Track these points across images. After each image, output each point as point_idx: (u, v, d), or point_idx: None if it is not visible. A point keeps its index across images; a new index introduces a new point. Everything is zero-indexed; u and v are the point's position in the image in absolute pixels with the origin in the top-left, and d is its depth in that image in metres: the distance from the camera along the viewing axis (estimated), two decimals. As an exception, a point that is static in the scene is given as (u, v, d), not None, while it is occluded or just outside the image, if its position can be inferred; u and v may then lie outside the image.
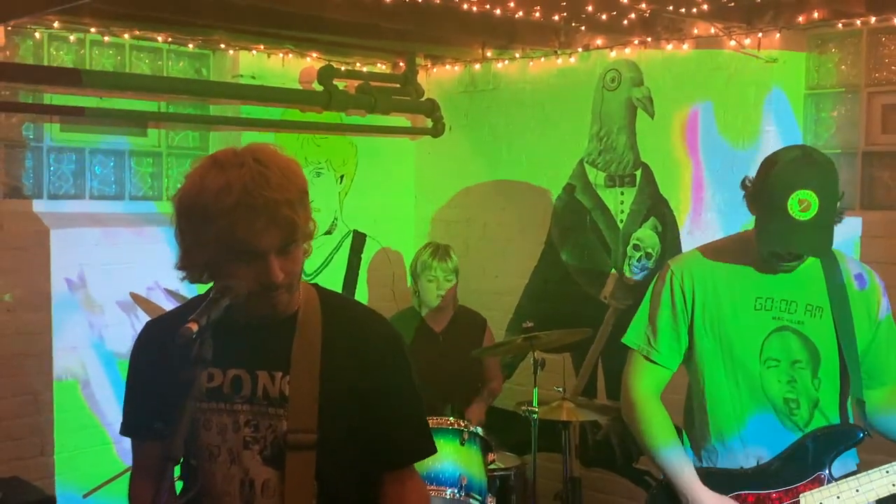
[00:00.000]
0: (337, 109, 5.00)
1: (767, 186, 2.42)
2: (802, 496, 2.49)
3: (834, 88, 4.14)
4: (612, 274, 4.75)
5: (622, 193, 4.71)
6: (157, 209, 4.73)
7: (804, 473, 2.50)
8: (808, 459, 2.51)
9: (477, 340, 4.56)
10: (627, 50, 4.59)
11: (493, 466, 3.88)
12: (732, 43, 4.19)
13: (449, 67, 5.39)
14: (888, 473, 2.45)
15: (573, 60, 4.83)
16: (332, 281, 5.11)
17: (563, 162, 4.92)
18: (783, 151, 2.48)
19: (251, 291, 1.81)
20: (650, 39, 4.47)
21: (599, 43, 4.66)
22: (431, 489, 3.53)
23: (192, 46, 4.72)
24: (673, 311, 2.63)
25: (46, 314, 4.29)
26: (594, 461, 4.82)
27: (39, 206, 4.33)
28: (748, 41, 4.15)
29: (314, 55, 5.01)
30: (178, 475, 1.84)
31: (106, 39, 4.44)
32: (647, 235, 4.62)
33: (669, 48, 4.43)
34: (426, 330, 4.52)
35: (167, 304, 4.47)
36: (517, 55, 5.04)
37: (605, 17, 4.17)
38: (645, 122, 4.59)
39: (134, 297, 4.51)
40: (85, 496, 4.07)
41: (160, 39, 4.57)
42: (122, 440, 4.51)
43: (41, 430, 4.28)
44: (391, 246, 5.53)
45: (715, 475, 2.59)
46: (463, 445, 3.68)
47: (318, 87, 4.90)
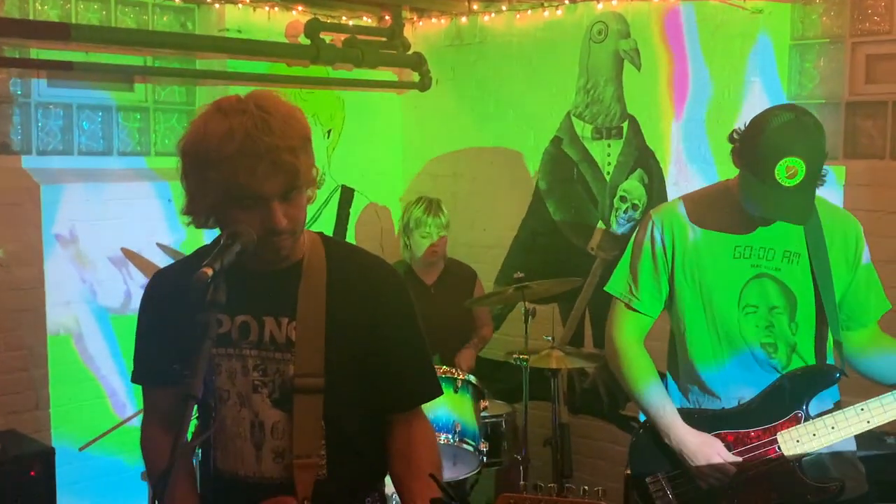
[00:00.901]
0: (324, 63, 4.99)
1: (756, 148, 2.43)
2: (780, 434, 2.57)
3: (818, 39, 4.18)
4: (598, 225, 4.80)
5: (609, 146, 4.75)
6: (145, 164, 4.73)
7: (781, 412, 2.58)
8: (785, 399, 2.58)
9: (468, 292, 4.62)
10: (614, 2, 4.60)
11: (484, 413, 3.97)
12: (719, -6, 4.22)
13: (435, 21, 5.38)
14: (863, 411, 2.53)
15: (560, 13, 4.83)
16: (321, 235, 5.13)
17: (550, 115, 4.94)
18: (775, 113, 2.46)
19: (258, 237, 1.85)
20: (637, -9, 4.48)
21: (586, -5, 4.67)
22: (426, 435, 3.62)
23: (177, 0, 4.68)
24: (654, 259, 2.68)
25: (39, 269, 4.30)
26: (582, 408, 4.92)
27: (28, 162, 4.32)
28: (734, -8, 4.18)
29: (300, 8, 4.98)
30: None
31: (91, -7, 4.40)
32: (633, 187, 4.67)
33: (656, 0, 4.44)
34: (417, 283, 4.57)
35: (159, 258, 4.50)
36: (503, 8, 5.04)
37: (592, -32, 4.19)
38: (632, 74, 4.63)
39: (125, 252, 4.53)
40: (81, 449, 4.12)
41: (145, -7, 4.54)
42: (116, 394, 4.58)
43: (36, 384, 4.31)
44: (379, 200, 5.56)
45: (696, 415, 2.66)
46: (456, 393, 3.76)
47: (304, 41, 4.89)
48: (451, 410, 3.69)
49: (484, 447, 3.81)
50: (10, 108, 4.30)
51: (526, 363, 4.00)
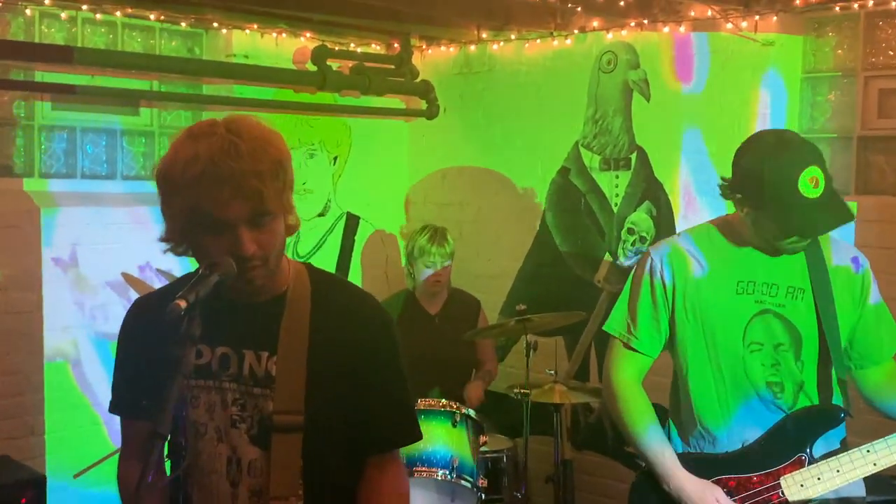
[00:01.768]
0: (331, 90, 4.97)
1: (769, 173, 2.37)
2: (783, 478, 2.48)
3: (830, 72, 4.12)
4: (605, 258, 4.73)
5: (617, 177, 4.69)
6: (149, 189, 4.69)
7: (784, 455, 2.50)
8: (788, 441, 2.50)
9: (471, 323, 4.56)
10: (624, 32, 4.57)
11: (484, 448, 3.89)
12: (729, 26, 4.17)
13: (444, 48, 5.35)
14: (868, 453, 2.45)
15: (569, 42, 4.79)
16: (325, 263, 5.09)
17: (557, 145, 4.89)
18: (762, 137, 2.47)
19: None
20: (647, 21, 4.44)
21: (596, 25, 4.63)
22: (423, 470, 3.54)
23: (184, 25, 4.68)
24: (653, 298, 2.61)
25: (37, 294, 4.27)
26: (586, 444, 4.82)
27: (31, 184, 4.30)
28: (745, 24, 4.13)
29: (308, 35, 4.97)
30: (166, 454, 1.83)
31: (98, 17, 4.39)
32: (641, 219, 4.60)
33: (666, 30, 4.40)
34: (421, 312, 4.51)
35: (159, 284, 4.46)
36: (513, 36, 5.01)
37: (601, -2, 4.15)
38: (641, 105, 4.57)
39: (126, 277, 4.49)
40: (76, 476, 4.06)
41: (152, 18, 4.53)
42: (112, 421, 4.47)
43: (32, 409, 4.26)
44: (385, 228, 5.51)
45: (697, 460, 2.58)
46: (455, 427, 3.68)
47: (311, 67, 4.87)
48: (448, 445, 3.61)
49: (483, 483, 3.73)
50: (13, 130, 4.29)
51: (526, 398, 3.92)
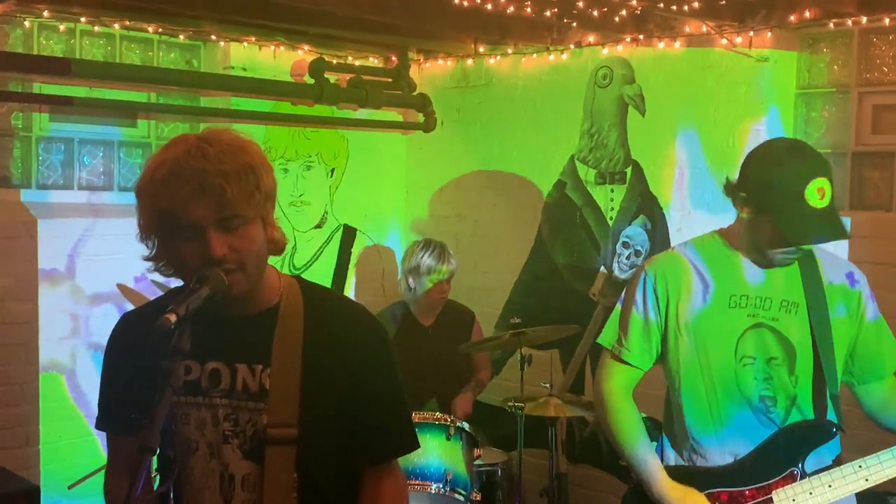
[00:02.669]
0: (328, 103, 4.99)
1: (779, 176, 2.38)
2: (775, 493, 2.48)
3: (825, 88, 4.14)
4: (601, 271, 4.74)
5: (612, 191, 4.70)
6: (146, 200, 4.71)
7: (776, 470, 2.48)
8: (780, 455, 2.49)
9: (465, 335, 4.55)
10: (619, 47, 4.59)
11: (478, 462, 3.87)
12: (724, 41, 4.19)
13: (441, 62, 5.37)
14: (861, 468, 2.44)
15: (565, 57, 4.82)
16: (321, 275, 5.10)
17: (553, 158, 4.91)
18: (777, 143, 2.48)
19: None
20: (642, 37, 4.46)
21: (591, 40, 4.66)
22: (416, 484, 3.53)
23: (182, 37, 4.70)
24: (645, 312, 2.61)
25: (33, 304, 4.27)
26: (581, 457, 4.81)
27: (28, 195, 4.31)
28: (739, 40, 4.15)
29: (305, 48, 4.99)
30: (155, 468, 1.82)
31: (96, 29, 4.41)
32: (636, 233, 4.61)
33: (661, 46, 4.42)
34: (415, 323, 4.51)
35: (155, 295, 4.46)
36: (509, 51, 5.03)
37: (596, 13, 4.16)
38: (636, 119, 4.59)
39: (121, 288, 4.49)
40: (70, 487, 4.04)
41: (151, 30, 4.55)
42: (107, 432, 4.51)
43: (27, 420, 4.26)
44: (381, 241, 5.52)
45: (689, 473, 2.58)
46: (449, 440, 3.67)
47: (309, 80, 4.88)
48: (442, 459, 3.60)
49: (477, 497, 3.72)
50: (10, 141, 4.30)
51: (521, 411, 3.92)
